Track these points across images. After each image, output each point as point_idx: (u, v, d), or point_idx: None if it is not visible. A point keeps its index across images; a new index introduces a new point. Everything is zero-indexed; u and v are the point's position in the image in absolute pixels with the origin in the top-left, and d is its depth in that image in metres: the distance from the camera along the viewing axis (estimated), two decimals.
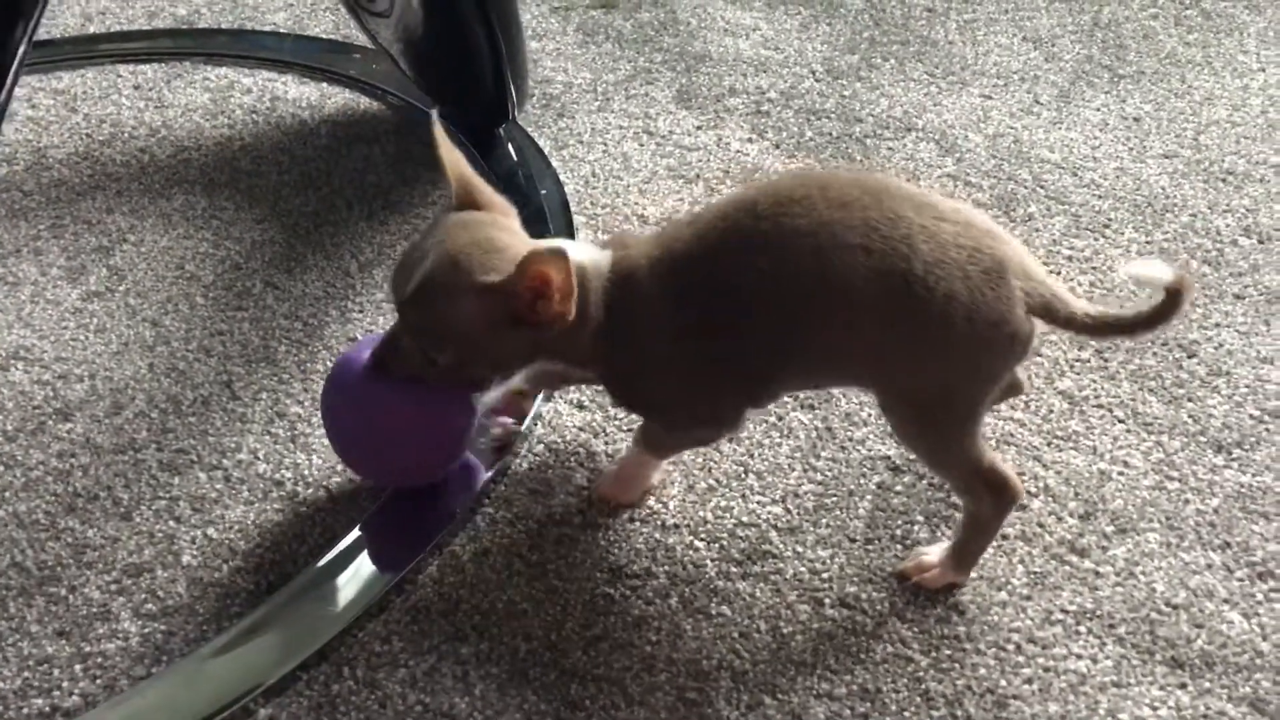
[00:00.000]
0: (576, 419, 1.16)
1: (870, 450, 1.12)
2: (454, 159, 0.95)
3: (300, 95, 1.66)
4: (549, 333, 0.90)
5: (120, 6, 1.87)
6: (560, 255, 0.86)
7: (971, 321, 0.87)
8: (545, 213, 1.41)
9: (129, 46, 1.78)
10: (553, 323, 0.89)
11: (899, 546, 1.03)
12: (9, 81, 0.74)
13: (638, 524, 1.06)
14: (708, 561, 1.03)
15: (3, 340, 1.25)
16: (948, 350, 0.89)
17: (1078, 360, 1.21)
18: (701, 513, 1.07)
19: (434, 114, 0.97)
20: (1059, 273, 1.31)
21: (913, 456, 1.07)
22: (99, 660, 0.96)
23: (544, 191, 1.45)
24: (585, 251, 0.95)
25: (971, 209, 0.93)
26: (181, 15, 1.87)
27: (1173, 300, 0.88)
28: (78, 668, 0.95)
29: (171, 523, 1.07)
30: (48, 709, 0.93)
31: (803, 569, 1.02)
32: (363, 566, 1.02)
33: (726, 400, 0.97)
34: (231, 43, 1.79)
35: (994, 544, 1.03)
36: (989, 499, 0.95)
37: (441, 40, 1.41)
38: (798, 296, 0.89)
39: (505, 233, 0.93)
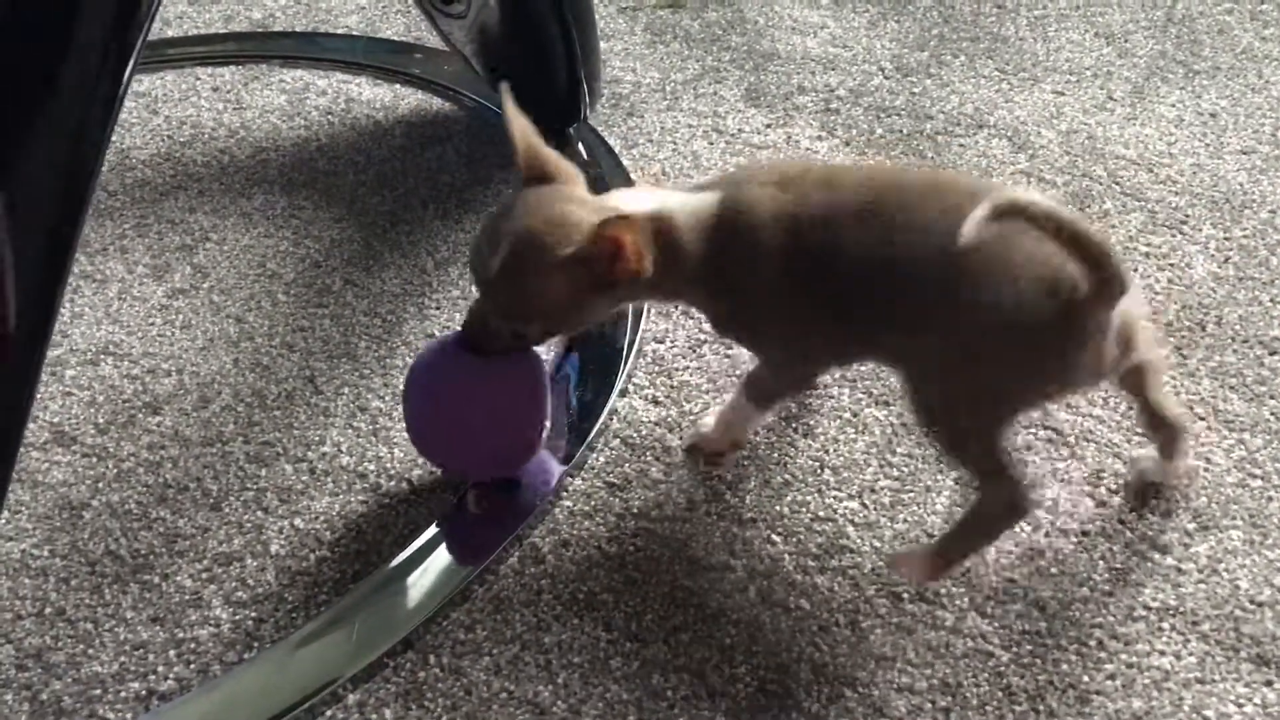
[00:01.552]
0: (652, 414, 1.17)
1: None
2: (522, 128, 0.98)
3: (374, 97, 1.69)
4: (632, 286, 0.94)
5: (197, 11, 1.91)
6: (628, 219, 0.89)
7: (1013, 329, 0.88)
8: None
9: (207, 50, 1.82)
10: (633, 279, 0.93)
11: None
12: (125, 80, 0.77)
13: (714, 518, 1.07)
14: (785, 556, 1.04)
15: (92, 336, 1.29)
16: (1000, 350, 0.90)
17: None
18: (778, 507, 1.08)
19: (504, 86, 0.99)
20: (1136, 270, 1.30)
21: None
22: (192, 646, 0.99)
23: (616, 190, 1.46)
24: (671, 199, 0.98)
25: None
26: (256, 19, 1.91)
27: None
28: (172, 653, 0.98)
29: (259, 513, 1.09)
30: (144, 692, 0.96)
31: (880, 564, 1.02)
32: (445, 557, 1.04)
33: (820, 351, 1.03)
34: (302, 45, 1.83)
35: (1075, 539, 1.03)
36: (1006, 488, 0.94)
37: (517, 40, 1.43)
38: (896, 279, 0.91)
39: (575, 203, 0.96)
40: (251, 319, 1.31)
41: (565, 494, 1.10)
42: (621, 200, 0.98)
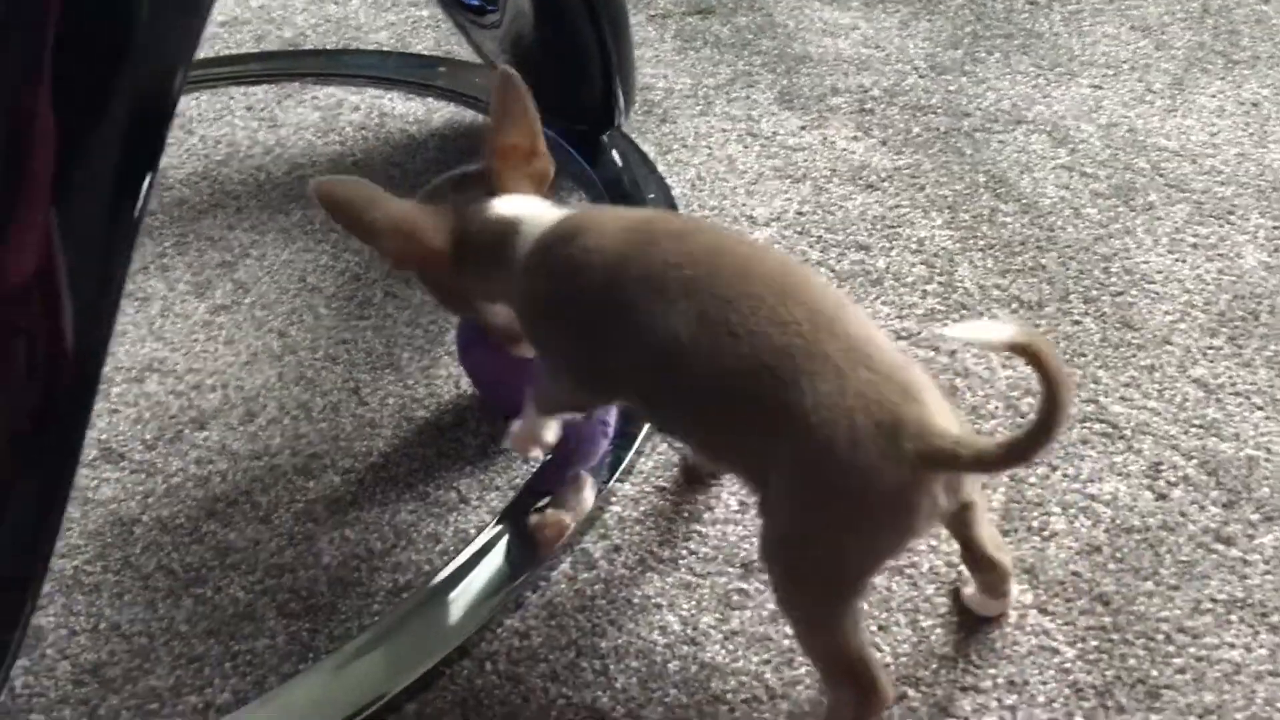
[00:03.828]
0: None
1: None
2: (519, 116, 0.95)
3: (407, 110, 1.69)
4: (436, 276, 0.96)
5: (229, 31, 1.92)
6: (414, 223, 0.90)
7: (846, 473, 0.75)
8: None
9: (240, 69, 1.83)
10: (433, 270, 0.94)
11: (1037, 539, 1.02)
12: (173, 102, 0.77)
13: None
14: None
15: (137, 353, 1.29)
16: (819, 498, 0.78)
17: (1210, 348, 1.18)
18: None
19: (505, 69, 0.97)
20: (1184, 261, 1.28)
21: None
22: (248, 658, 0.98)
23: (651, 196, 1.46)
24: (534, 211, 0.91)
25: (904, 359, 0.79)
26: (288, 38, 1.91)
27: (1045, 381, 0.70)
28: (228, 665, 0.98)
29: (309, 524, 1.09)
30: (201, 705, 0.95)
31: (939, 562, 1.01)
32: (496, 564, 1.03)
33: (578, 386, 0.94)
34: (329, 62, 1.83)
35: (1137, 534, 1.01)
36: (851, 696, 0.83)
37: (551, 48, 1.43)
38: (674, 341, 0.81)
39: (436, 191, 0.95)
40: (294, 333, 1.31)
41: (615, 499, 1.09)
42: (478, 204, 0.92)
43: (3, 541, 0.77)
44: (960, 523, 0.89)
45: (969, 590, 0.97)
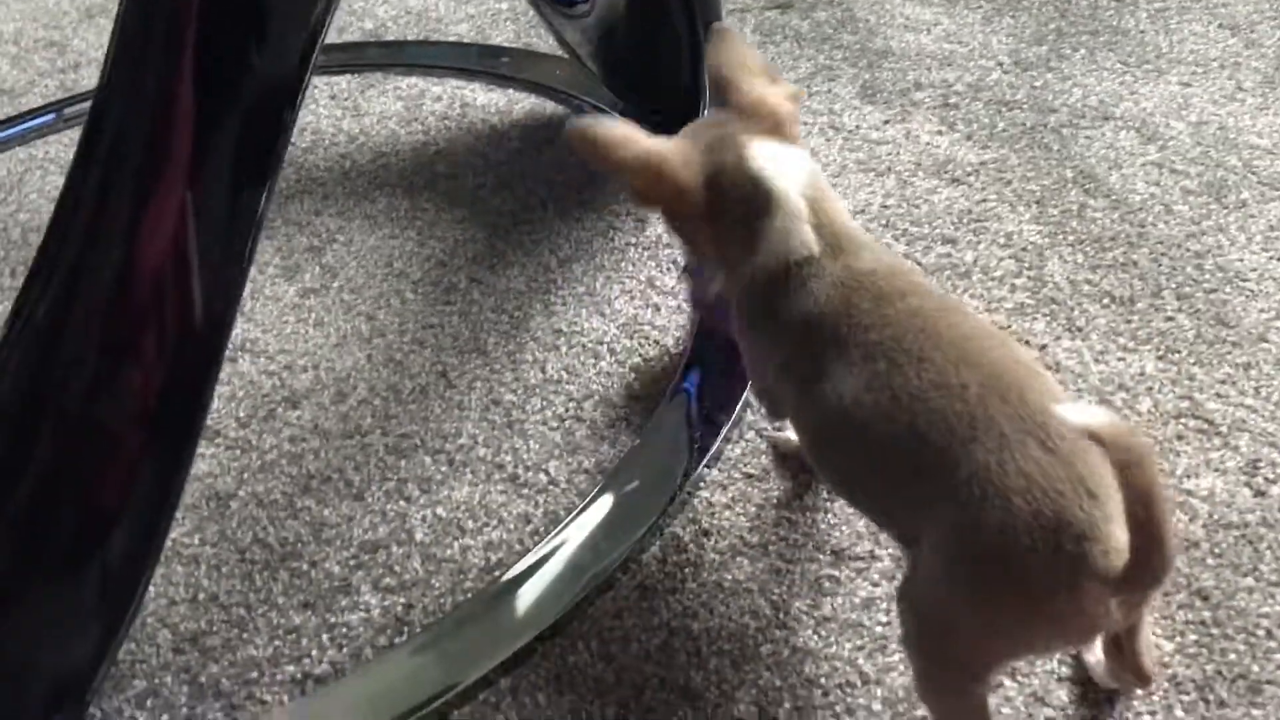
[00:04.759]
0: None
1: None
2: (735, 63, 0.94)
3: (489, 101, 1.71)
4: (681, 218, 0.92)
5: None
6: (664, 159, 0.88)
7: (991, 560, 0.71)
8: None
9: (324, 59, 1.85)
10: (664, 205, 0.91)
11: None
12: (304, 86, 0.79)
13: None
14: None
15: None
16: (962, 572, 0.73)
17: None
18: None
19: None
20: (1279, 260, 1.27)
21: None
22: (344, 630, 1.00)
23: None
24: (797, 169, 0.89)
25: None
26: (369, 29, 1.94)
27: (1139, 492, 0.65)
28: (324, 637, 0.99)
29: (402, 502, 1.10)
30: (299, 675, 0.97)
31: None
32: (587, 545, 1.04)
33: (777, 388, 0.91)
34: (415, 53, 1.86)
35: (1235, 530, 1.00)
36: None
37: (641, 38, 1.44)
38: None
39: (691, 132, 0.92)
40: (382, 316, 1.33)
41: (703, 485, 1.09)
42: (738, 147, 0.89)
43: (131, 517, 0.79)
44: (1121, 633, 0.84)
45: (1094, 659, 0.90)
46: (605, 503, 1.08)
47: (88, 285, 0.81)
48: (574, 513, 1.07)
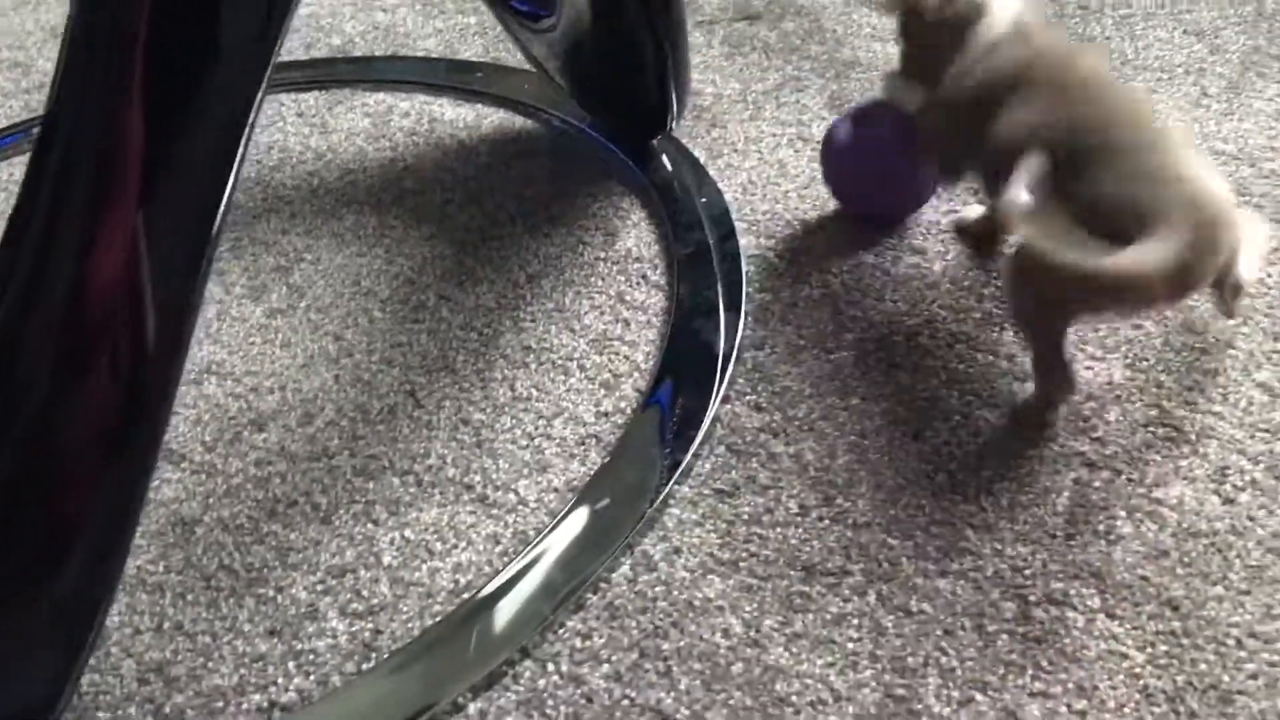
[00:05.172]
0: (755, 420, 1.16)
1: (1063, 446, 1.09)
2: None
3: (457, 116, 1.70)
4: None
5: None
6: None
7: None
8: (702, 221, 1.42)
9: (290, 76, 1.84)
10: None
11: (1102, 542, 1.01)
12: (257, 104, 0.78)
13: (827, 522, 1.05)
14: (903, 559, 1.02)
15: (194, 356, 1.30)
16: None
17: (1274, 351, 1.16)
18: (892, 511, 1.06)
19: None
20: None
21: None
22: (310, 657, 0.99)
23: (703, 200, 1.46)
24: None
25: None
26: (336, 45, 1.93)
27: None
28: (291, 664, 0.98)
29: (369, 525, 1.09)
30: (265, 704, 0.96)
31: (1004, 566, 1.00)
32: (555, 565, 1.03)
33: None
34: (356, 69, 1.85)
35: (1205, 539, 1.00)
36: (1050, 381, 1.10)
37: (608, 52, 1.43)
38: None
39: None
40: (350, 336, 1.32)
41: (673, 501, 1.09)
42: None
43: (87, 539, 0.78)
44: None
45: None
46: (576, 521, 1.07)
47: (41, 303, 0.80)
48: (544, 532, 1.06)
